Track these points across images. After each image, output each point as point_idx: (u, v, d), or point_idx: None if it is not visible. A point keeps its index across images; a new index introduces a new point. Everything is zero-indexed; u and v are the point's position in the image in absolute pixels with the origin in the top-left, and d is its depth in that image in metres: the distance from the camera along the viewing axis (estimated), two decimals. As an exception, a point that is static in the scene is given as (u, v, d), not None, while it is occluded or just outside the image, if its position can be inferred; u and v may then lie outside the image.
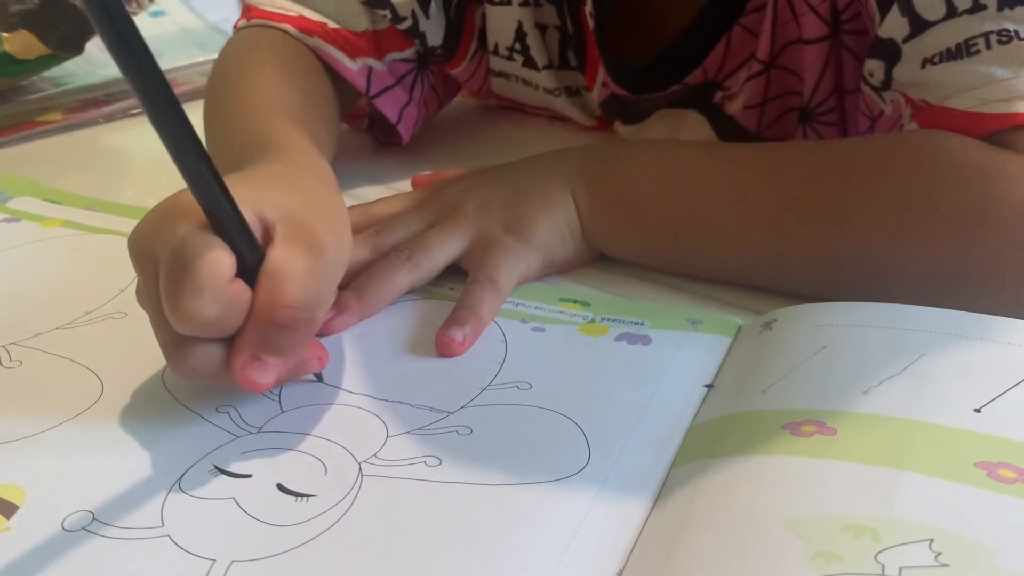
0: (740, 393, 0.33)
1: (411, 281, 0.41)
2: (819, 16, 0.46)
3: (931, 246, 0.37)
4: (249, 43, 0.53)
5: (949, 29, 0.39)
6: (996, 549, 0.25)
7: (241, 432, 0.32)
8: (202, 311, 0.29)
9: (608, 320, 0.39)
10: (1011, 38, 0.38)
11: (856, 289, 0.38)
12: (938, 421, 0.29)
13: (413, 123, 0.57)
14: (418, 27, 0.53)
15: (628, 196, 0.43)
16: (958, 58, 0.39)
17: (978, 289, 0.37)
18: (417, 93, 0.56)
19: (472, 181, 0.45)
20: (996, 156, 0.37)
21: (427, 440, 0.32)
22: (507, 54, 0.57)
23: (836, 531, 0.25)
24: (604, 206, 0.43)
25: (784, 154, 0.42)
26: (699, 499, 0.28)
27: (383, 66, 0.54)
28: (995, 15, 0.39)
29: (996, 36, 0.38)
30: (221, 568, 0.27)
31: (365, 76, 0.53)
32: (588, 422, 0.33)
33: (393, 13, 0.52)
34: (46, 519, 0.29)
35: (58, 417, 0.33)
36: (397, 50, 0.54)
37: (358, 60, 0.53)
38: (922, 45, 0.40)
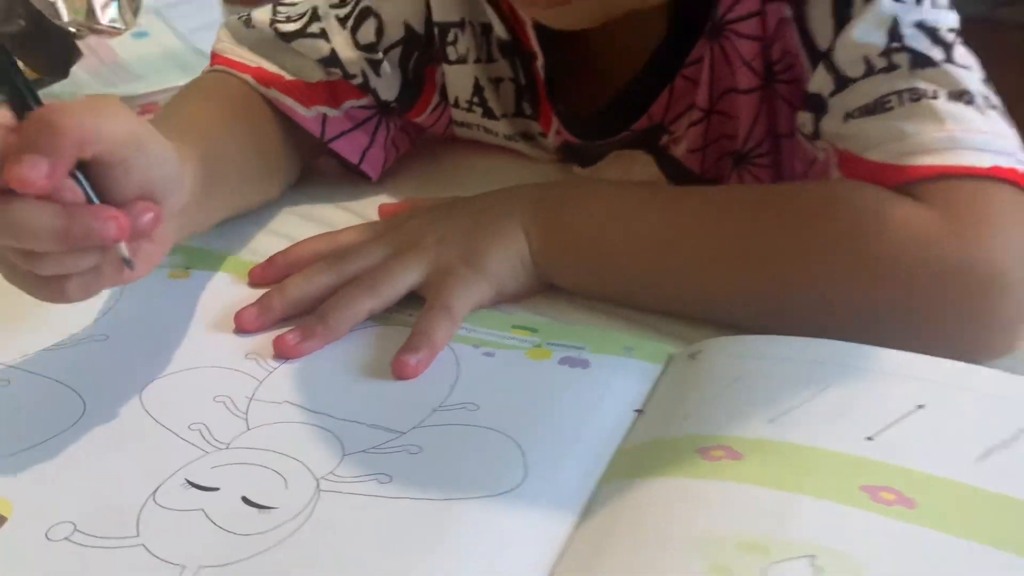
0: (664, 419, 0.37)
1: (372, 307, 0.44)
2: (752, 69, 0.50)
3: (839, 285, 0.41)
4: (203, 84, 0.57)
5: (867, 86, 0.43)
6: (868, 564, 0.28)
7: (211, 448, 0.35)
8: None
9: (552, 345, 0.43)
10: (920, 97, 0.42)
11: (778, 322, 0.42)
12: (833, 448, 0.33)
13: (381, 163, 0.60)
14: (369, 83, 0.57)
15: (576, 234, 0.47)
16: (874, 113, 0.43)
17: (876, 325, 0.40)
18: (381, 136, 0.60)
19: (432, 215, 0.49)
20: (897, 206, 0.41)
21: (380, 459, 0.35)
22: (467, 106, 0.61)
23: (732, 547, 0.29)
24: (554, 242, 0.47)
25: (715, 199, 0.47)
26: (619, 517, 0.32)
27: (339, 113, 0.58)
28: (907, 75, 0.43)
29: (908, 94, 0.43)
30: (190, 573, 0.30)
31: (319, 123, 0.57)
32: (527, 442, 0.36)
33: (343, 71, 0.57)
34: (31, 529, 0.32)
35: (44, 434, 0.37)
36: (354, 98, 0.58)
37: (312, 108, 0.57)
38: (845, 100, 0.44)
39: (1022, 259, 0.40)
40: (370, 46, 0.57)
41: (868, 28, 0.44)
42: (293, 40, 0.57)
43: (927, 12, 0.44)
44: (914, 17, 0.44)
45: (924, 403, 0.35)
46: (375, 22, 0.57)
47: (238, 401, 0.38)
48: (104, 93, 0.77)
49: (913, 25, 0.43)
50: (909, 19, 0.43)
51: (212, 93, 0.56)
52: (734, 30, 0.50)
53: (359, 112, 0.59)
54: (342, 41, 0.57)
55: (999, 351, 0.41)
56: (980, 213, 0.41)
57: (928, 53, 0.43)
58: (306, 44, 0.57)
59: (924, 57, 0.43)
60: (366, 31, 0.57)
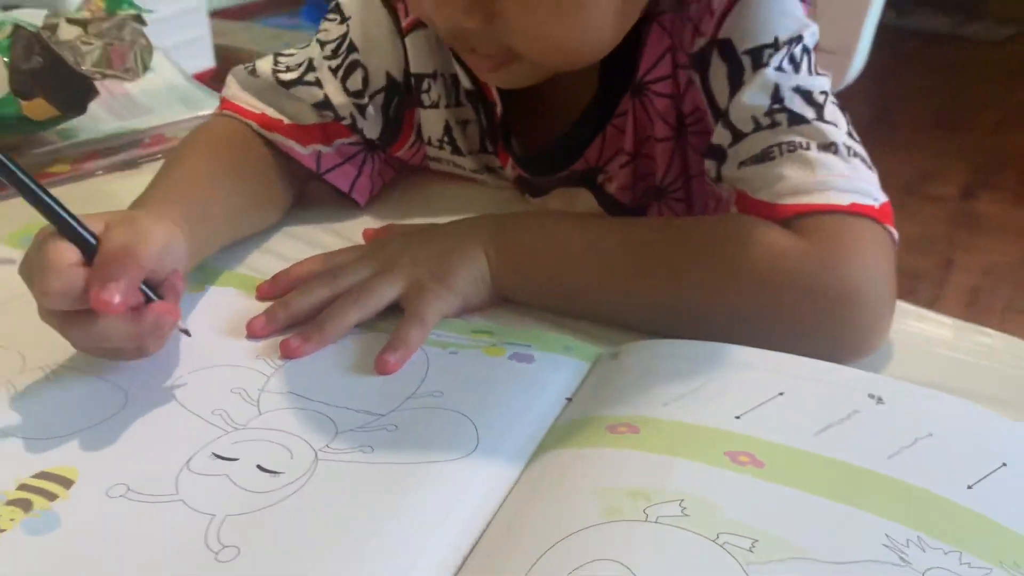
0: (586, 404, 0.47)
1: (359, 317, 0.54)
2: (666, 121, 0.61)
3: (729, 299, 0.52)
4: (210, 130, 0.67)
5: (755, 140, 0.54)
6: (723, 506, 0.38)
7: (231, 428, 0.45)
8: (51, 284, 0.44)
9: (505, 344, 0.53)
10: (796, 148, 0.53)
11: (680, 328, 0.52)
12: (709, 424, 0.43)
13: (368, 191, 0.71)
14: (356, 124, 0.68)
15: (525, 255, 0.57)
16: (762, 161, 0.54)
17: (756, 331, 0.50)
18: (368, 168, 0.70)
19: (409, 239, 0.59)
20: (776, 237, 0.51)
21: (365, 435, 0.45)
22: (439, 144, 0.71)
23: (623, 495, 0.39)
24: (508, 263, 0.57)
25: (635, 228, 0.57)
26: (544, 476, 0.42)
27: (331, 150, 0.68)
28: (786, 131, 0.53)
29: (786, 146, 0.53)
30: (219, 520, 0.39)
31: (315, 159, 0.68)
32: (480, 420, 0.45)
33: (335, 114, 0.67)
34: (95, 488, 0.41)
35: (94, 419, 0.46)
36: (344, 137, 0.68)
37: (309, 147, 0.67)
38: (739, 151, 0.55)
39: (875, 279, 0.51)
40: (357, 93, 0.67)
41: (755, 93, 0.54)
42: (292, 87, 0.67)
43: (803, 79, 0.54)
44: (792, 83, 0.54)
45: (784, 391, 0.46)
46: (362, 72, 0.67)
47: (251, 392, 0.47)
48: (117, 126, 0.87)
49: (791, 89, 0.54)
50: (788, 85, 0.54)
51: (216, 141, 0.65)
52: (652, 89, 0.60)
53: (348, 148, 0.69)
54: (334, 88, 0.67)
55: (857, 354, 0.51)
56: (841, 241, 0.51)
57: (803, 113, 0.54)
58: (303, 91, 0.67)
59: (799, 116, 0.54)
60: (354, 80, 0.67)
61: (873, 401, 0.45)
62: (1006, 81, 3.26)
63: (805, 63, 0.55)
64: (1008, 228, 2.23)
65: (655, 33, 0.59)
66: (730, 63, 0.55)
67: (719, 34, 0.56)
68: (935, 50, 3.59)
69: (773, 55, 0.54)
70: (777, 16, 0.55)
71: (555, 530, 0.37)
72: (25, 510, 0.40)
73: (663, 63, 0.60)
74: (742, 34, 0.55)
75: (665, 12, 0.59)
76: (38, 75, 0.78)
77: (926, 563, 0.36)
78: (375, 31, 0.67)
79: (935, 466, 0.41)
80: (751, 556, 0.36)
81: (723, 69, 0.56)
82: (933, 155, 2.61)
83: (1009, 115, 2.95)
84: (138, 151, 0.84)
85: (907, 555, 0.36)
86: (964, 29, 3.82)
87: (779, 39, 0.55)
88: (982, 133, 2.82)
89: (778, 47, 0.54)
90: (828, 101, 0.55)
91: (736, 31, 0.55)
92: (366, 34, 0.67)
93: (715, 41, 0.56)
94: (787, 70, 0.54)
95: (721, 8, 0.56)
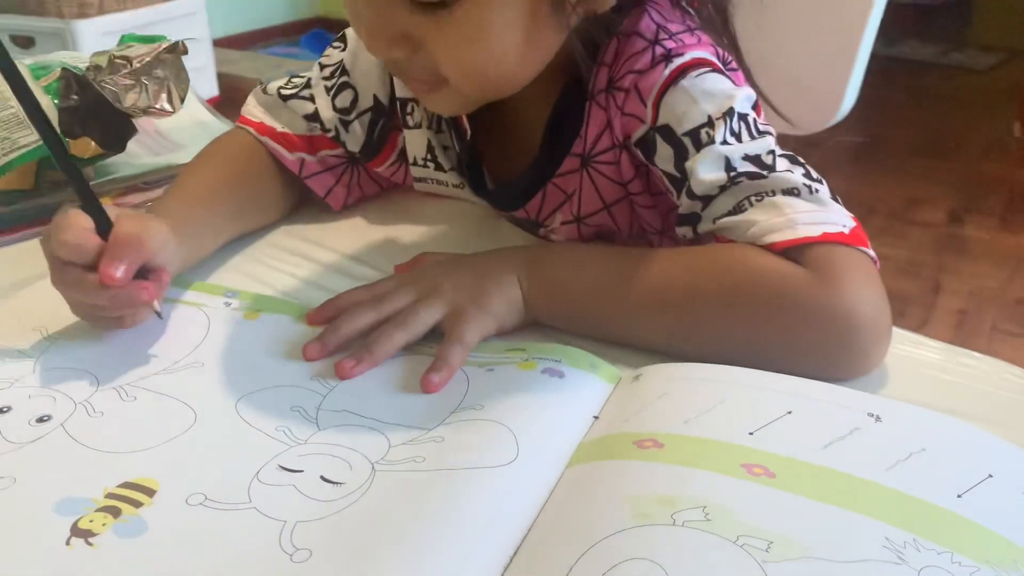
0: (613, 422, 0.52)
1: (405, 340, 0.58)
2: (615, 183, 0.69)
3: (737, 323, 0.57)
4: (223, 140, 0.79)
5: (725, 199, 0.60)
6: (741, 512, 0.43)
7: (294, 443, 0.50)
8: (65, 236, 0.57)
9: (536, 358, 0.57)
10: (763, 197, 0.59)
11: (699, 349, 0.57)
12: (725, 440, 0.48)
13: (342, 199, 0.81)
14: (339, 136, 0.77)
15: (556, 285, 0.62)
16: (736, 214, 0.59)
17: (762, 352, 0.56)
18: (346, 179, 0.80)
19: (446, 267, 0.64)
20: (781, 264, 0.56)
21: (415, 447, 0.49)
22: (423, 163, 0.78)
23: (652, 502, 0.44)
24: (539, 291, 0.62)
25: (654, 259, 0.62)
26: (580, 484, 0.47)
27: (314, 159, 0.78)
28: (749, 185, 0.59)
29: (754, 197, 0.59)
30: (290, 525, 0.44)
31: (299, 165, 0.77)
32: (519, 431, 0.50)
33: (321, 125, 0.76)
34: (175, 497, 0.46)
35: (168, 436, 0.50)
36: (328, 148, 0.78)
37: (294, 154, 0.77)
38: (712, 211, 0.61)
39: (870, 303, 0.55)
40: (344, 110, 0.76)
41: (708, 166, 0.60)
42: (288, 100, 0.77)
43: (748, 147, 0.60)
44: (740, 153, 0.60)
45: (792, 410, 0.51)
46: (352, 93, 0.76)
47: (309, 410, 0.52)
48: (154, 163, 0.92)
49: (741, 159, 0.60)
50: (737, 155, 0.60)
51: (224, 151, 0.78)
52: (598, 159, 0.68)
53: (331, 159, 0.79)
54: (324, 103, 0.76)
55: (855, 373, 0.56)
56: (831, 268, 0.55)
57: (759, 171, 0.59)
58: (297, 103, 0.77)
59: (757, 174, 0.59)
60: (343, 99, 0.76)
61: (872, 419, 0.50)
62: (991, 108, 3.34)
63: (745, 131, 0.61)
64: (994, 252, 2.29)
65: (594, 111, 0.67)
66: (673, 146, 0.63)
67: (657, 121, 0.63)
68: (921, 79, 3.67)
69: (712, 132, 0.61)
70: (705, 97, 0.62)
71: (592, 533, 0.42)
72: (115, 516, 0.45)
73: (604, 137, 0.68)
74: (677, 120, 0.62)
75: (600, 92, 0.66)
76: (83, 115, 0.83)
77: (921, 562, 0.41)
78: (364, 58, 0.76)
79: (928, 477, 0.46)
80: (767, 555, 0.41)
81: (668, 151, 0.63)
82: (920, 181, 2.68)
83: (994, 141, 3.02)
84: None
85: (904, 555, 0.41)
86: (949, 58, 3.91)
87: (712, 116, 0.61)
88: (968, 159, 2.90)
89: (713, 124, 0.61)
90: (776, 157, 0.60)
91: (671, 117, 0.62)
92: (356, 61, 0.76)
93: (655, 128, 0.63)
94: (731, 142, 0.61)
95: (653, 98, 0.63)
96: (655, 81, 0.63)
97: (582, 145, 0.68)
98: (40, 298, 0.61)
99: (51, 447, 0.50)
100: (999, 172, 2.77)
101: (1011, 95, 3.28)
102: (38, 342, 0.59)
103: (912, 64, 3.78)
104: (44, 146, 0.78)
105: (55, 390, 0.54)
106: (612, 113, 0.66)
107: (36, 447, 0.50)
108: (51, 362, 0.57)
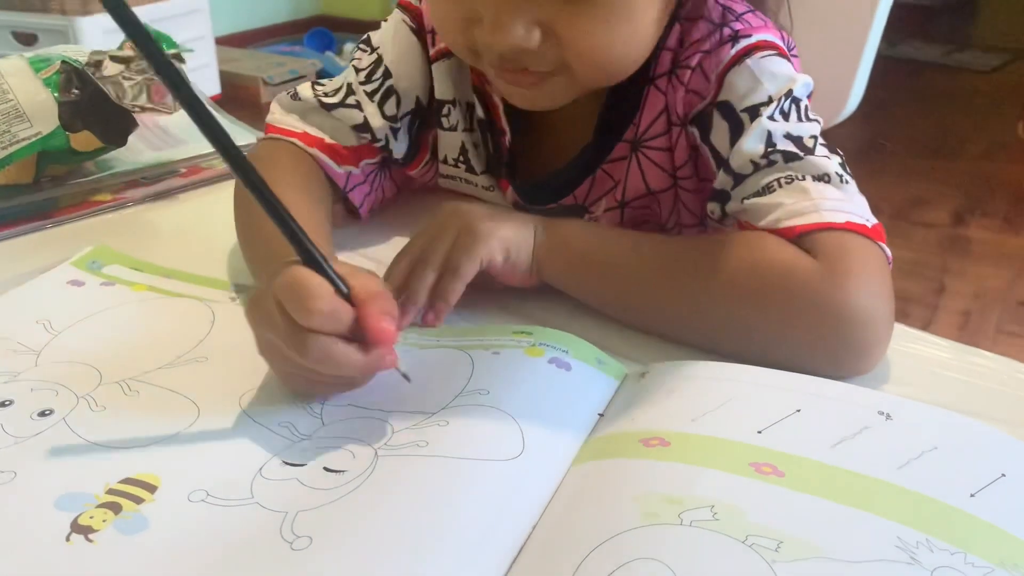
0: (619, 419, 0.51)
1: (463, 284, 0.60)
2: (664, 171, 0.68)
3: (743, 311, 0.57)
4: (268, 156, 0.71)
5: (755, 179, 0.60)
6: (750, 511, 0.43)
7: (297, 439, 0.49)
8: (318, 305, 0.47)
9: (543, 344, 0.57)
10: (793, 179, 0.58)
11: (707, 336, 0.58)
12: (733, 439, 0.48)
13: (370, 205, 0.77)
14: (388, 145, 0.74)
15: (569, 244, 0.63)
16: (763, 195, 0.59)
17: (767, 342, 0.55)
18: (376, 183, 0.77)
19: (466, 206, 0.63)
20: (792, 254, 0.56)
21: (419, 431, 0.49)
22: (454, 163, 0.77)
23: (659, 501, 0.43)
24: (553, 246, 0.62)
25: (671, 244, 0.63)
26: (584, 484, 0.46)
27: (358, 171, 0.74)
28: (782, 167, 0.59)
29: (784, 179, 0.59)
30: (291, 515, 0.43)
31: (345, 178, 0.73)
32: (525, 425, 0.49)
33: (372, 136, 0.73)
34: (177, 494, 0.45)
35: (172, 430, 0.50)
36: (370, 158, 0.74)
37: (343, 167, 0.73)
38: (741, 191, 0.61)
39: (877, 300, 0.55)
40: (392, 117, 0.73)
41: (752, 140, 0.60)
42: (334, 109, 0.73)
43: (793, 126, 0.61)
44: (783, 131, 0.60)
45: (801, 408, 0.50)
46: (396, 98, 0.73)
47: (313, 406, 0.51)
48: (155, 157, 0.91)
49: (783, 136, 0.60)
50: (780, 132, 0.60)
51: (285, 174, 0.68)
52: (649, 145, 0.68)
53: (369, 167, 0.75)
54: (372, 112, 0.73)
55: (855, 371, 0.55)
56: (844, 261, 0.55)
57: (797, 151, 0.59)
58: (344, 113, 0.73)
59: (792, 154, 0.59)
60: (390, 105, 0.73)
61: (883, 417, 0.49)
62: (995, 109, 3.33)
63: (794, 112, 0.62)
64: (998, 253, 2.28)
65: (653, 95, 0.67)
66: (730, 121, 0.63)
67: (719, 97, 0.64)
68: (925, 79, 3.66)
69: (767, 108, 0.61)
70: (768, 78, 0.62)
71: (600, 531, 0.42)
72: (115, 512, 0.44)
73: (659, 121, 0.68)
74: (739, 97, 0.63)
75: (660, 75, 0.66)
76: (83, 109, 0.83)
77: (934, 562, 0.40)
78: (408, 59, 0.73)
79: (941, 476, 0.45)
80: (777, 555, 0.40)
81: (724, 126, 0.63)
82: (924, 182, 2.67)
83: (998, 142, 3.01)
84: (175, 181, 0.88)
85: (917, 555, 0.41)
86: (953, 58, 3.90)
87: (772, 96, 0.62)
88: (972, 160, 2.89)
89: (771, 102, 0.61)
90: (818, 144, 0.61)
91: (733, 94, 0.63)
92: (399, 62, 0.73)
93: (715, 103, 0.64)
94: (778, 119, 0.61)
95: (718, 74, 0.63)
96: (722, 59, 0.63)
97: (634, 131, 0.68)
98: (42, 291, 0.61)
99: (52, 442, 0.49)
100: (1003, 173, 2.76)
101: (1015, 96, 3.28)
102: (40, 336, 0.59)
103: (916, 65, 3.78)
104: (43, 139, 0.79)
105: (57, 384, 0.54)
106: (674, 94, 0.66)
107: (37, 441, 0.49)
108: (53, 356, 0.57)
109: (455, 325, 0.61)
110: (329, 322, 0.48)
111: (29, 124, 0.79)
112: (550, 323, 0.61)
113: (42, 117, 0.80)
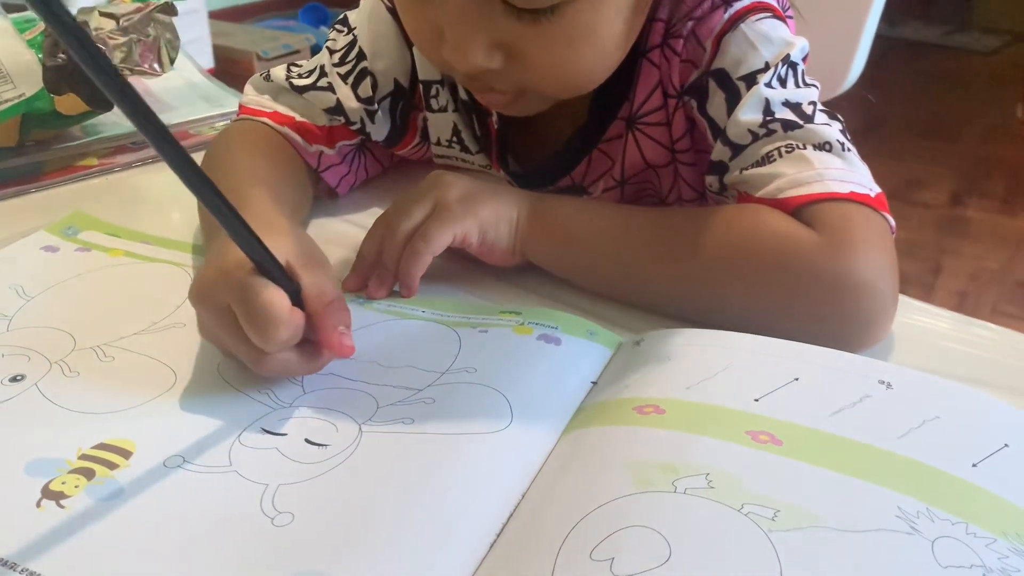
0: (612, 387, 0.50)
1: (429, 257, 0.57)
2: (662, 146, 0.66)
3: (741, 285, 0.55)
4: (235, 132, 0.70)
5: (754, 148, 0.58)
6: (746, 480, 0.41)
7: (278, 406, 0.48)
8: (280, 335, 0.45)
9: (532, 323, 0.55)
10: (793, 148, 0.56)
11: (701, 311, 0.56)
12: (729, 406, 0.46)
13: (349, 185, 0.75)
14: (364, 128, 0.71)
15: (554, 221, 0.60)
16: (763, 165, 0.57)
17: (768, 316, 0.54)
18: (356, 164, 0.75)
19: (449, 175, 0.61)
20: (792, 226, 0.55)
21: (404, 408, 0.47)
22: (447, 144, 0.75)
23: (653, 468, 0.42)
24: (537, 223, 0.60)
25: (664, 215, 0.61)
26: (576, 452, 0.45)
27: (332, 151, 0.72)
28: (782, 136, 0.57)
29: (784, 148, 0.57)
30: (272, 488, 0.42)
31: (316, 158, 0.71)
32: (512, 397, 0.48)
33: (346, 118, 0.71)
34: (152, 460, 0.44)
35: (148, 396, 0.48)
36: (346, 139, 0.72)
37: (313, 146, 0.71)
38: (740, 161, 0.59)
39: (881, 271, 0.54)
40: (368, 99, 0.71)
41: (749, 109, 0.58)
42: (305, 92, 0.70)
43: (791, 93, 0.59)
44: (782, 98, 0.58)
45: (799, 376, 0.48)
46: (371, 79, 0.70)
47: (295, 372, 0.50)
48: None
49: (781, 104, 0.58)
50: (778, 99, 0.58)
51: (247, 143, 0.68)
52: (645, 120, 0.66)
53: (346, 148, 0.73)
54: (346, 94, 0.70)
55: (862, 343, 0.54)
56: (848, 231, 0.53)
57: (796, 120, 0.57)
58: (316, 95, 0.70)
59: (792, 123, 0.57)
60: (364, 87, 0.70)
61: (883, 386, 0.47)
62: (994, 90, 3.31)
63: (791, 78, 0.60)
64: (995, 234, 2.27)
65: (646, 68, 0.64)
66: (727, 90, 0.60)
67: (713, 65, 0.61)
68: (924, 60, 3.64)
69: (764, 76, 0.59)
70: (764, 42, 0.60)
71: (591, 499, 0.40)
72: (88, 478, 0.43)
73: (654, 96, 0.65)
74: (734, 63, 0.60)
75: (653, 48, 0.64)
76: (71, 72, 0.81)
77: (935, 532, 0.39)
78: (383, 40, 0.71)
79: (942, 445, 0.44)
80: (774, 524, 0.38)
81: (720, 95, 0.61)
82: (922, 163, 2.65)
83: (996, 124, 3.00)
84: (162, 146, 0.86)
85: (917, 525, 0.39)
86: (953, 39, 3.87)
87: (768, 62, 0.60)
88: (970, 141, 2.87)
89: (768, 69, 0.59)
90: (817, 110, 0.59)
91: (729, 60, 0.61)
92: (375, 43, 0.71)
93: (710, 72, 0.61)
94: (775, 86, 0.59)
95: (712, 41, 0.61)
96: (714, 24, 0.61)
97: (629, 108, 0.66)
98: (15, 258, 0.59)
99: (24, 407, 0.47)
100: (1001, 154, 2.74)
101: (1014, 77, 3.26)
102: (13, 301, 0.57)
103: (915, 46, 3.75)
104: (26, 101, 0.77)
105: (29, 349, 0.52)
106: (668, 65, 0.64)
107: (8, 407, 0.47)
108: (26, 321, 0.55)
109: (447, 297, 0.59)
110: (290, 342, 0.47)
111: (12, 85, 0.77)
112: (544, 291, 0.59)
113: (26, 78, 0.77)
